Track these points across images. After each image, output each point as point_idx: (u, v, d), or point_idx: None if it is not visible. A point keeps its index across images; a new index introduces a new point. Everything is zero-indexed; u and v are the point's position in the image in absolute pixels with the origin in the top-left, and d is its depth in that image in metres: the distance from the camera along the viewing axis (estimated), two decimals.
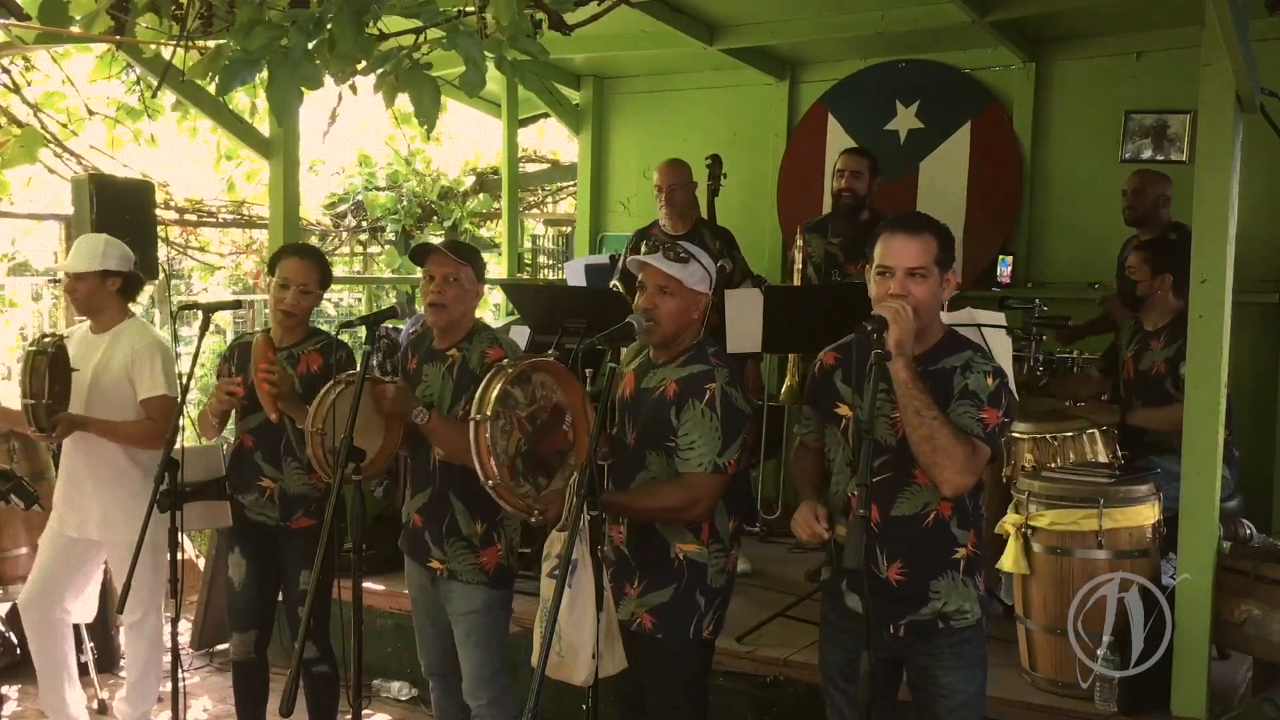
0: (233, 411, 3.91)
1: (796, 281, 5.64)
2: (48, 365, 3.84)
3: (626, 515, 3.17)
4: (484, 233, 10.53)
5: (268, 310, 4.08)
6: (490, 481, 3.01)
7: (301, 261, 3.88)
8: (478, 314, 3.65)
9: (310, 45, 2.46)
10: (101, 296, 4.13)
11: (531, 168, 10.37)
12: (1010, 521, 4.01)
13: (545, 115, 8.11)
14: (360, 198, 10.33)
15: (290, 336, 3.88)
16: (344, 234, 10.54)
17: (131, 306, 4.31)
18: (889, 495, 2.82)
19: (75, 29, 3.26)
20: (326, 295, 4.17)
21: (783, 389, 5.56)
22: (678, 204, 5.54)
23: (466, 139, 10.53)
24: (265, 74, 2.55)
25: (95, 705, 4.75)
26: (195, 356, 4.24)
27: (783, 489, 6.04)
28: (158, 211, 6.05)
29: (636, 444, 3.16)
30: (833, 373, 2.97)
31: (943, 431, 2.66)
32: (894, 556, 2.84)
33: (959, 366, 2.79)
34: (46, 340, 3.93)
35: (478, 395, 3.03)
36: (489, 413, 2.98)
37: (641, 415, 3.16)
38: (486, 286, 3.81)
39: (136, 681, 4.35)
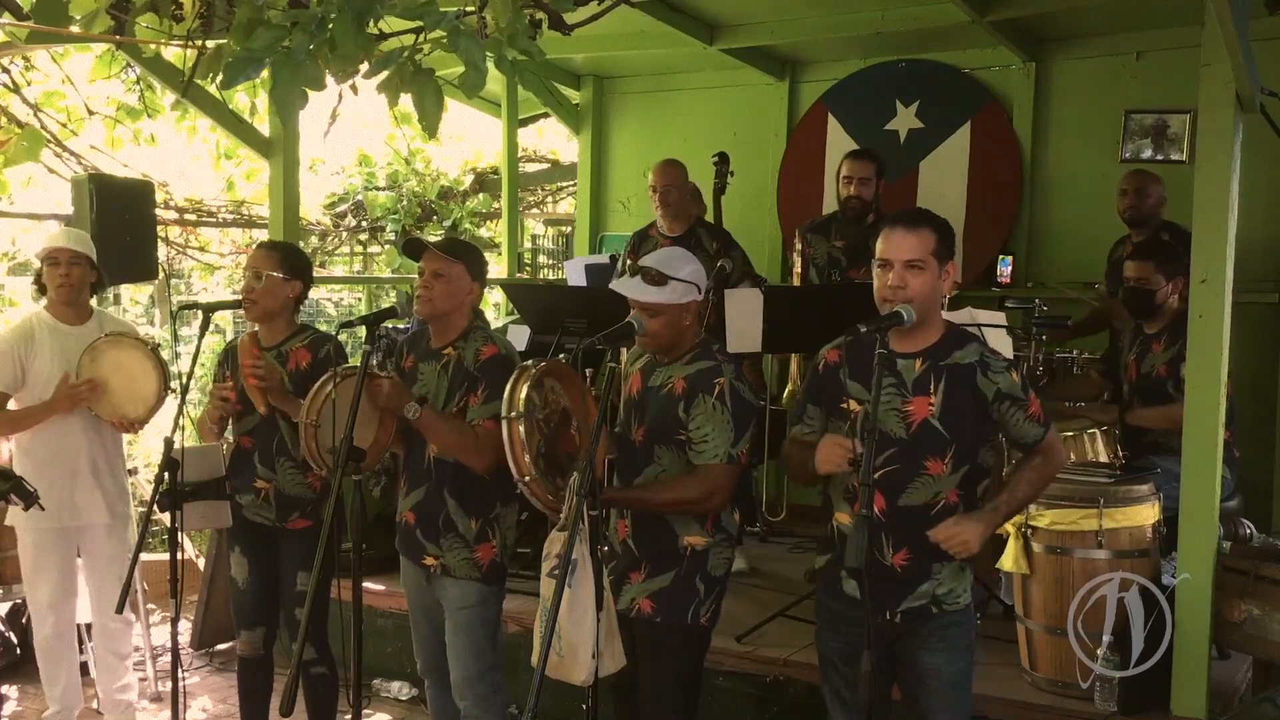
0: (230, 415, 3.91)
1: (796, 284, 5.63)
2: None
3: (641, 509, 3.20)
4: (484, 233, 10.52)
5: None
6: (526, 478, 3.04)
7: (259, 250, 3.97)
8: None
9: (311, 46, 2.46)
10: (86, 286, 4.33)
11: (531, 167, 10.36)
12: (1010, 521, 4.01)
13: (545, 115, 8.11)
14: (360, 197, 10.31)
15: (276, 334, 3.88)
16: (344, 234, 10.53)
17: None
18: (897, 486, 2.85)
19: (75, 29, 3.25)
20: (327, 296, 4.20)
21: (785, 393, 5.54)
22: (672, 204, 5.48)
23: (466, 139, 10.53)
24: (267, 74, 2.55)
25: (95, 705, 4.75)
26: (195, 356, 4.25)
27: (784, 489, 6.04)
28: (158, 211, 6.05)
29: (645, 439, 3.20)
30: (838, 370, 3.00)
31: (1040, 483, 3.04)
32: (900, 544, 2.87)
33: (975, 363, 2.86)
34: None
35: (506, 394, 3.06)
36: (521, 410, 3.01)
37: (649, 411, 3.20)
38: (487, 286, 3.79)
39: (115, 683, 4.40)
